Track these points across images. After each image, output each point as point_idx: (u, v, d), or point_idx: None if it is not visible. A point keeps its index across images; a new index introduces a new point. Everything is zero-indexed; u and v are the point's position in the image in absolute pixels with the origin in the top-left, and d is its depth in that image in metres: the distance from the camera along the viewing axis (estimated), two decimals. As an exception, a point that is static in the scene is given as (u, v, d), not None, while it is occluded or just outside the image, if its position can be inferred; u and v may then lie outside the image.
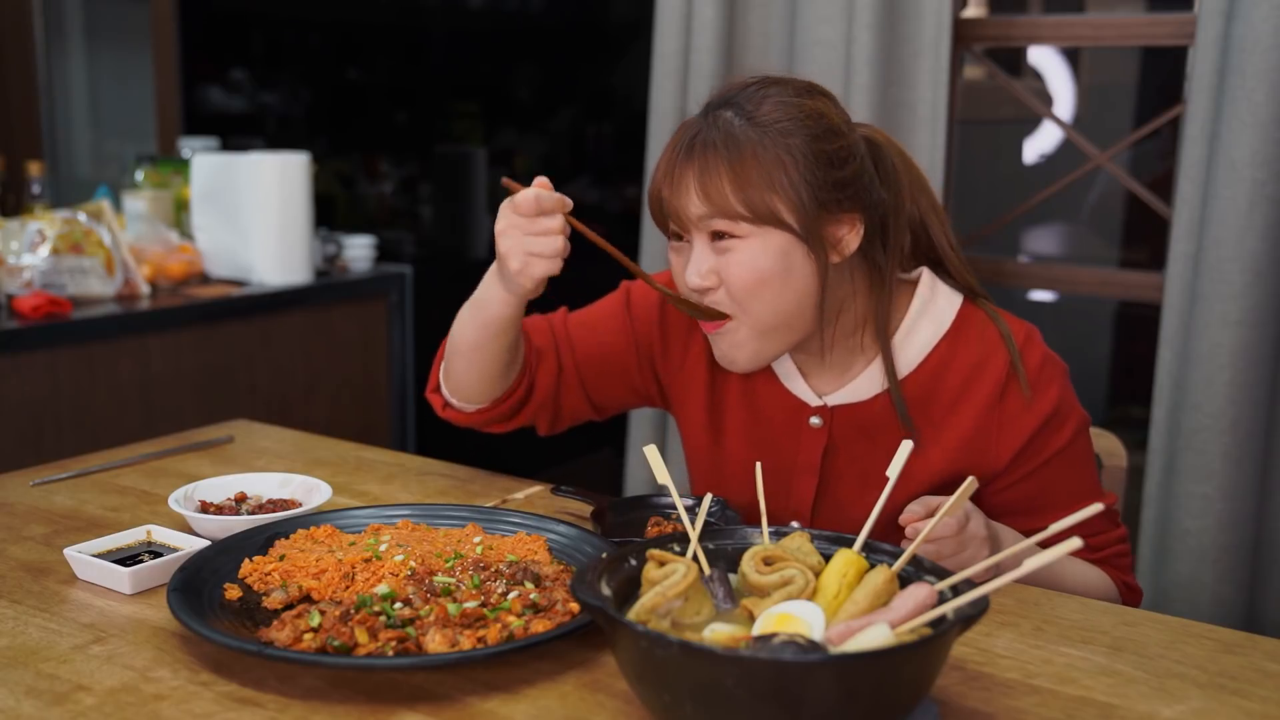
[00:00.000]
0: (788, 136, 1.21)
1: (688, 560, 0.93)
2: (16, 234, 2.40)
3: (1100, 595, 1.32)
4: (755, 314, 1.24)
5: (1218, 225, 1.95)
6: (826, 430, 1.35)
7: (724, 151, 1.21)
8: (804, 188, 1.20)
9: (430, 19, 4.54)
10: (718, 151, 1.21)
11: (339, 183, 4.14)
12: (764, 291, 1.22)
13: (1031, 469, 1.31)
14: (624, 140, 4.48)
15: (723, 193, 1.20)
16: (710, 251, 1.24)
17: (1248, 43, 1.89)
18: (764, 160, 1.20)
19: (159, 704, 0.92)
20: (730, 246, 1.22)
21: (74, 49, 3.91)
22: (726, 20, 2.38)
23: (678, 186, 1.23)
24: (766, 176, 1.19)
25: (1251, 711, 0.94)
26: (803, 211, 1.20)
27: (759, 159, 1.20)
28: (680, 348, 1.45)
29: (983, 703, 0.95)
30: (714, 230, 1.22)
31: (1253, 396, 1.96)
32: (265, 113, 4.20)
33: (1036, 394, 1.29)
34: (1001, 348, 1.31)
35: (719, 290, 1.24)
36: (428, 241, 4.16)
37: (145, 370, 2.44)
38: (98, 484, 1.48)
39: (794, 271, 1.23)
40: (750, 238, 1.21)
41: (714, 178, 1.20)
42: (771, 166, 1.20)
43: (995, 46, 2.42)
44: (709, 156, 1.21)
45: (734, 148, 1.20)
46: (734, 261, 1.22)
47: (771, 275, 1.22)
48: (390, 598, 1.04)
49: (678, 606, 0.92)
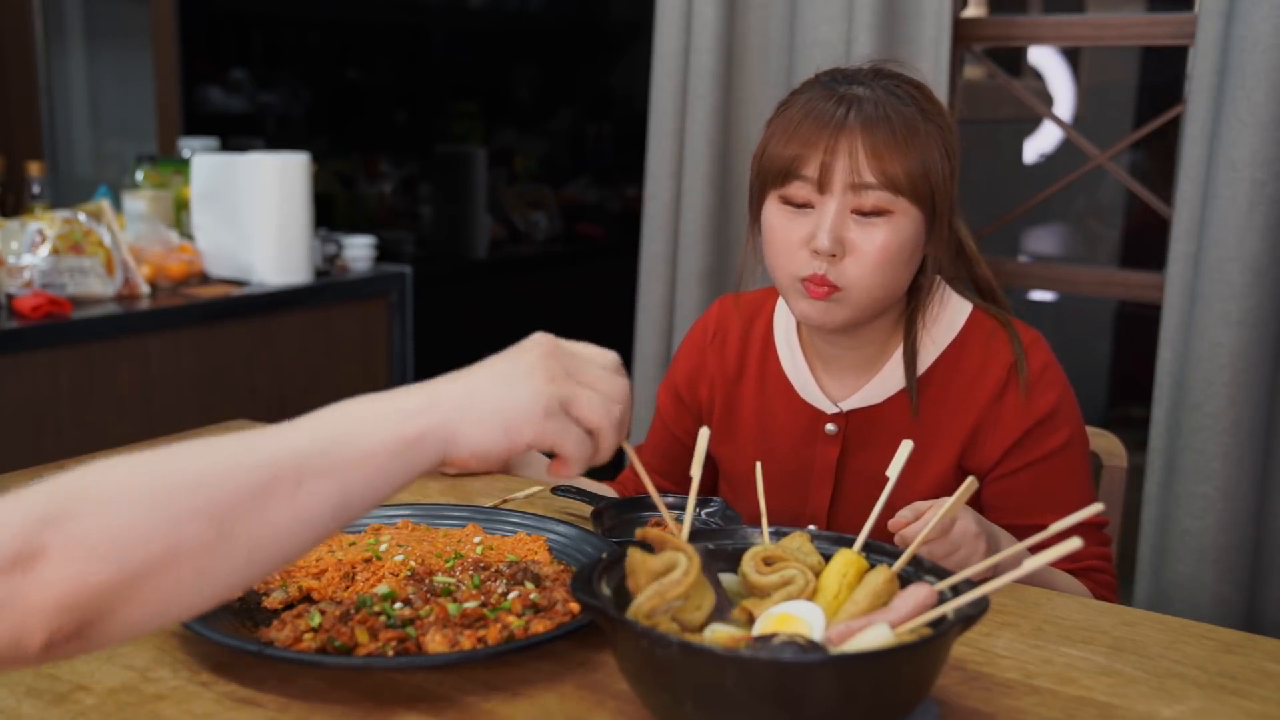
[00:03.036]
0: (936, 124, 1.24)
1: (687, 550, 0.90)
2: (16, 234, 2.40)
3: None
4: (870, 287, 1.24)
5: (1218, 225, 1.95)
6: (841, 436, 1.35)
7: (898, 123, 1.21)
8: (949, 177, 1.24)
9: (430, 19, 4.54)
10: (891, 122, 1.21)
11: (339, 183, 4.14)
12: (890, 268, 1.23)
13: (1021, 465, 1.30)
14: (624, 140, 4.48)
15: (894, 164, 1.20)
16: (847, 220, 1.23)
17: (1248, 43, 1.89)
18: (929, 143, 1.22)
19: (159, 704, 0.92)
20: (874, 221, 1.22)
21: (74, 49, 3.90)
22: (726, 20, 2.38)
23: (841, 147, 1.21)
24: (929, 158, 1.22)
25: (1251, 711, 0.94)
26: (944, 199, 1.24)
27: (927, 140, 1.22)
28: (704, 391, 1.48)
29: (983, 703, 0.95)
30: (864, 201, 1.22)
31: (1253, 396, 1.96)
32: (265, 113, 4.20)
33: (1035, 394, 1.30)
34: (1006, 352, 1.31)
35: (841, 261, 1.23)
36: (428, 241, 4.16)
37: (145, 370, 2.44)
38: (98, 484, 1.48)
39: (915, 254, 1.26)
40: (898, 215, 1.22)
41: (888, 147, 1.20)
42: (933, 149, 1.22)
43: (995, 46, 2.42)
44: (882, 125, 1.21)
45: (906, 125, 1.21)
46: (876, 234, 1.22)
47: (902, 254, 1.24)
48: (390, 598, 1.04)
49: (677, 606, 0.92)
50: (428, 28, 4.56)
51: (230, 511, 0.71)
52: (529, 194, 4.39)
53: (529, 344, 0.83)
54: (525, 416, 0.79)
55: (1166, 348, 2.06)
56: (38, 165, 2.76)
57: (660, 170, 2.49)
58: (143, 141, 3.72)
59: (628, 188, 4.43)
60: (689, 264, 2.46)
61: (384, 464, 0.76)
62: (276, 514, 0.73)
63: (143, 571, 0.69)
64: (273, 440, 0.75)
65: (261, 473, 0.73)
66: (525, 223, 4.30)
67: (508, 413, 0.79)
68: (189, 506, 0.71)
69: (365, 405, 0.78)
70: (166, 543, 0.69)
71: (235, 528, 0.71)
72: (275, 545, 0.74)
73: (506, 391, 0.79)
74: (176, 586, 0.70)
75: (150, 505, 0.70)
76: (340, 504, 0.75)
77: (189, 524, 0.70)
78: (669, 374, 1.53)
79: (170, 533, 0.69)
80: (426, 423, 0.77)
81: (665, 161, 2.48)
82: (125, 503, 0.70)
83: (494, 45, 4.56)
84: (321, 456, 0.75)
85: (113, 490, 0.70)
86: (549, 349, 0.82)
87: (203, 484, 0.72)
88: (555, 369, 0.81)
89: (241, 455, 0.74)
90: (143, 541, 0.69)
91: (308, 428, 0.76)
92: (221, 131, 3.29)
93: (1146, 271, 2.29)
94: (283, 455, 0.74)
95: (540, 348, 0.82)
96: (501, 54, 4.57)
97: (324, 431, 0.76)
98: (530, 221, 4.31)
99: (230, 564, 0.72)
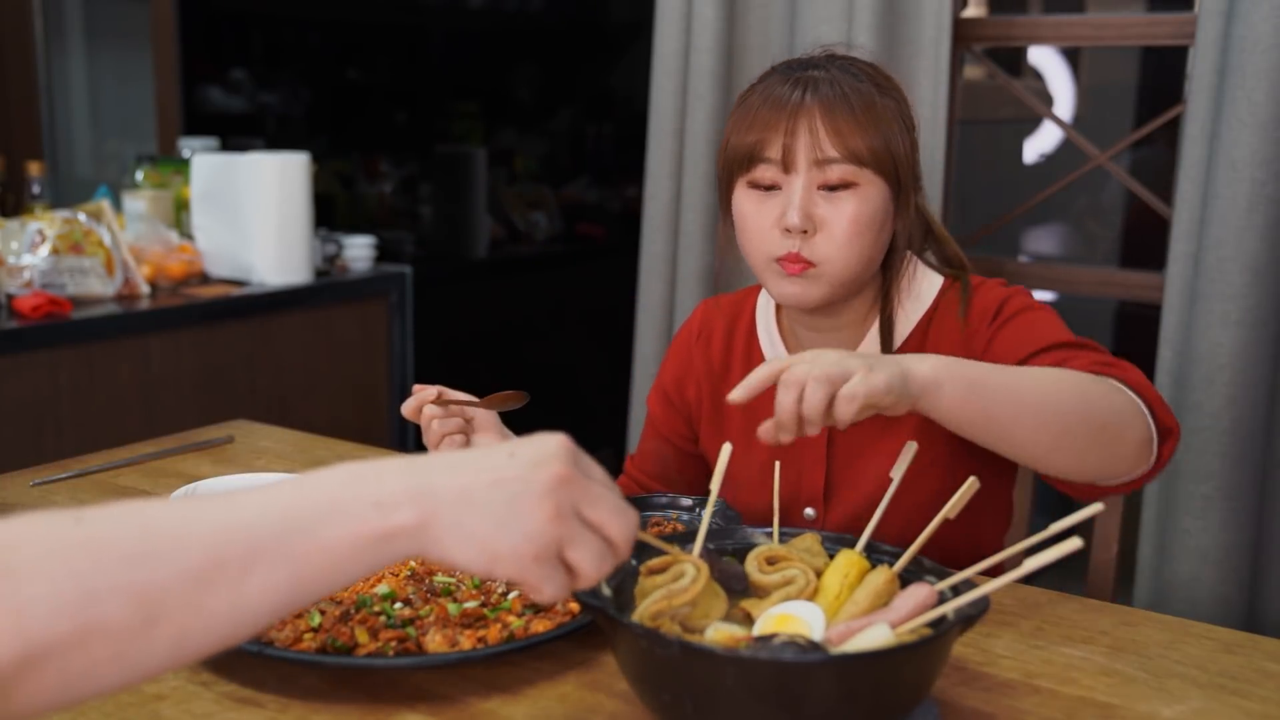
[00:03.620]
0: (893, 99, 1.28)
1: (696, 561, 0.91)
2: (16, 234, 2.40)
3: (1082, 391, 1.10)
4: (845, 261, 1.26)
5: (1218, 225, 1.95)
6: None
7: (855, 99, 1.24)
8: (910, 147, 1.27)
9: (430, 19, 4.54)
10: (847, 97, 1.24)
11: (339, 183, 4.13)
12: (861, 240, 1.26)
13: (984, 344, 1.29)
14: (624, 140, 4.48)
15: (854, 136, 1.23)
16: (815, 196, 1.26)
17: (1248, 43, 1.89)
18: (887, 116, 1.25)
19: (159, 704, 0.92)
20: (840, 195, 1.25)
21: (74, 49, 3.90)
22: (726, 20, 2.38)
23: (800, 126, 1.24)
24: (889, 129, 1.25)
25: (1251, 711, 0.94)
26: (906, 169, 1.27)
27: (884, 112, 1.25)
28: (692, 392, 1.49)
29: (983, 703, 0.95)
30: (829, 176, 1.24)
31: (1253, 396, 1.96)
32: (265, 113, 4.20)
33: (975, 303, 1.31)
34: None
35: (813, 237, 1.26)
36: (428, 241, 4.15)
37: (145, 370, 2.44)
38: (98, 484, 1.48)
39: (885, 226, 1.28)
40: (864, 186, 1.25)
41: (846, 121, 1.23)
42: (891, 121, 1.26)
43: (995, 46, 2.42)
44: (838, 101, 1.24)
45: (863, 98, 1.25)
46: (844, 207, 1.25)
47: (871, 224, 1.26)
48: (390, 598, 1.04)
49: (685, 613, 0.91)
50: (428, 28, 4.56)
51: (161, 595, 0.63)
52: (529, 194, 4.39)
53: (547, 455, 0.72)
54: (512, 555, 0.70)
55: (1166, 348, 2.06)
56: (38, 165, 2.76)
57: (660, 170, 2.49)
58: (143, 141, 3.72)
59: (628, 188, 4.43)
60: (689, 264, 2.46)
61: (345, 558, 0.67)
62: (215, 602, 0.64)
63: (46, 650, 0.60)
64: (225, 514, 0.67)
65: (206, 554, 0.64)
66: (525, 223, 4.30)
67: (497, 543, 0.69)
68: (112, 584, 0.62)
69: (342, 483, 0.69)
70: (78, 621, 0.61)
71: (164, 613, 0.63)
72: (206, 635, 0.65)
73: (504, 517, 0.70)
74: (86, 668, 0.62)
75: (67, 576, 0.61)
76: (289, 596, 0.66)
77: (109, 602, 0.62)
78: (658, 380, 1.55)
79: (85, 610, 0.61)
80: (404, 520, 0.68)
81: (665, 161, 2.48)
82: (38, 573, 0.61)
83: (494, 45, 4.56)
84: (276, 542, 0.66)
85: (28, 554, 0.62)
86: (566, 475, 0.72)
87: (135, 557, 0.63)
88: (564, 503, 0.71)
89: (187, 528, 0.65)
90: (50, 616, 0.61)
91: (268, 504, 0.68)
92: (221, 131, 3.29)
93: (1146, 271, 2.29)
94: (234, 535, 0.65)
95: (557, 469, 0.72)
96: (501, 54, 4.56)
97: (286, 513, 0.67)
98: (530, 221, 4.31)
99: (150, 651, 0.63)
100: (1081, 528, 0.86)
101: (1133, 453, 1.13)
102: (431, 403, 1.41)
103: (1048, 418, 1.08)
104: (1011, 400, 1.07)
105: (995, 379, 1.07)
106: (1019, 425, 1.08)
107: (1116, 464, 1.13)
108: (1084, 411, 1.09)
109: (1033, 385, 1.09)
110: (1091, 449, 1.11)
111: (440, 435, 1.41)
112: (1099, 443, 1.10)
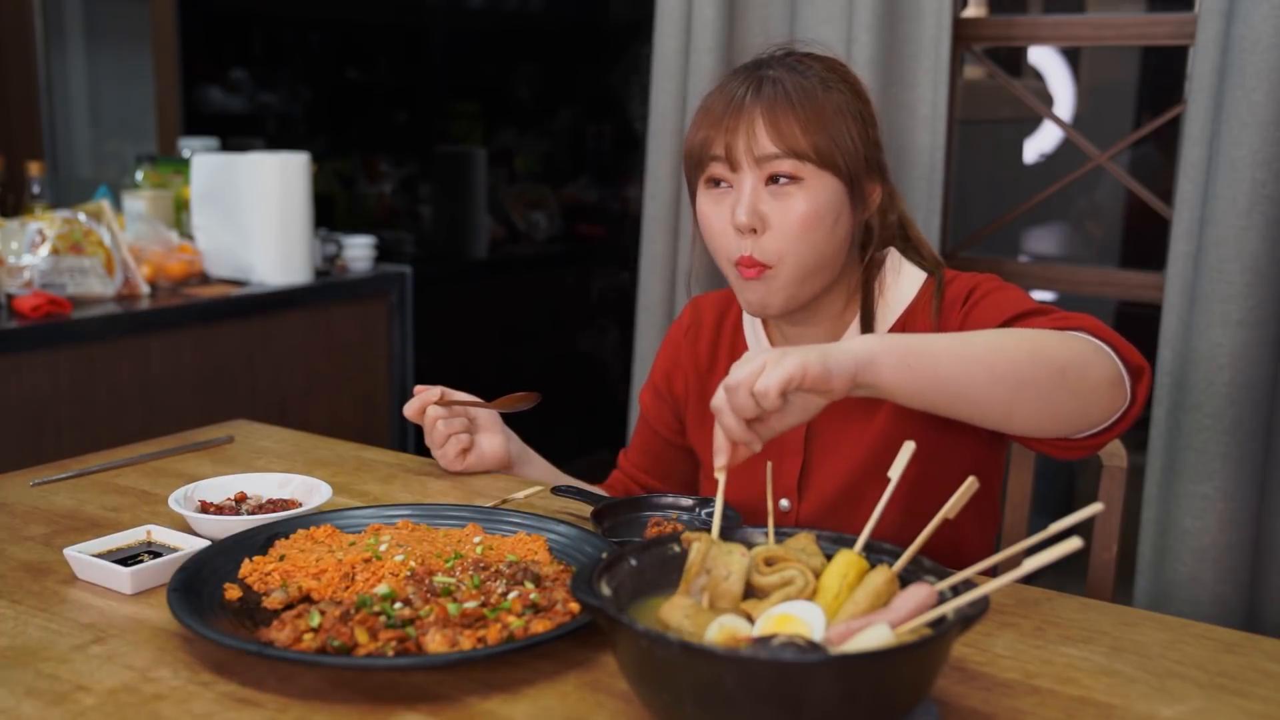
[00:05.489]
0: (843, 93, 1.29)
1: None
2: (16, 234, 2.40)
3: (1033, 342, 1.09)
4: (799, 256, 1.28)
5: (1218, 225, 1.95)
6: None
7: (795, 95, 1.27)
8: (859, 141, 1.29)
9: (430, 19, 4.54)
10: (789, 95, 1.27)
11: (339, 183, 4.14)
12: (812, 235, 1.27)
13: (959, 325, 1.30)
14: (624, 140, 4.48)
15: (794, 133, 1.25)
16: (763, 194, 1.28)
17: (1248, 43, 1.89)
18: (829, 109, 1.27)
19: (159, 704, 0.92)
20: (787, 190, 1.27)
21: (74, 49, 3.91)
22: (726, 20, 2.38)
23: (741, 124, 1.27)
24: (832, 123, 1.27)
25: (1251, 711, 0.94)
26: (856, 162, 1.28)
27: (826, 107, 1.27)
28: (679, 385, 1.53)
29: (983, 703, 0.95)
30: (773, 172, 1.27)
31: (1253, 397, 1.96)
32: (265, 113, 4.20)
33: (947, 293, 1.33)
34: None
35: (763, 235, 1.28)
36: (428, 241, 4.16)
37: (145, 370, 2.44)
38: (98, 484, 1.48)
39: (839, 220, 1.29)
40: (809, 180, 1.27)
41: (786, 118, 1.26)
42: (834, 115, 1.27)
43: (995, 46, 2.42)
44: (779, 99, 1.27)
45: (804, 93, 1.27)
46: (791, 203, 1.27)
47: (822, 219, 1.27)
48: (390, 598, 1.04)
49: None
50: (428, 28, 4.56)
51: None
52: (529, 194, 4.39)
53: None
54: None
55: (1166, 348, 2.06)
56: (38, 165, 2.76)
57: (660, 170, 2.49)
58: (143, 141, 3.73)
59: (628, 188, 4.43)
60: (689, 264, 2.46)
61: None
62: None
63: None
64: None
65: None
66: (525, 223, 4.30)
67: None
68: None
69: None
70: None
71: None
72: None
73: None
74: None
75: None
76: None
77: None
78: (650, 376, 1.58)
79: None
80: None
81: (665, 161, 2.48)
82: None
83: (494, 45, 4.56)
84: None
85: None
86: None
87: None
88: None
89: None
90: None
91: None
92: (221, 131, 3.29)
93: (1146, 271, 2.29)
94: None
95: None
96: (501, 54, 4.56)
97: None
98: (530, 221, 4.31)
99: None
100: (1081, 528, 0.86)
101: (1105, 392, 1.10)
102: (435, 403, 1.41)
103: (1000, 370, 1.06)
104: (957, 358, 1.05)
105: (937, 344, 1.05)
106: (972, 382, 1.05)
107: (1088, 407, 1.11)
108: (1038, 357, 1.07)
109: (980, 342, 1.08)
110: (1057, 394, 1.08)
111: (445, 435, 1.42)
112: (1062, 386, 1.08)
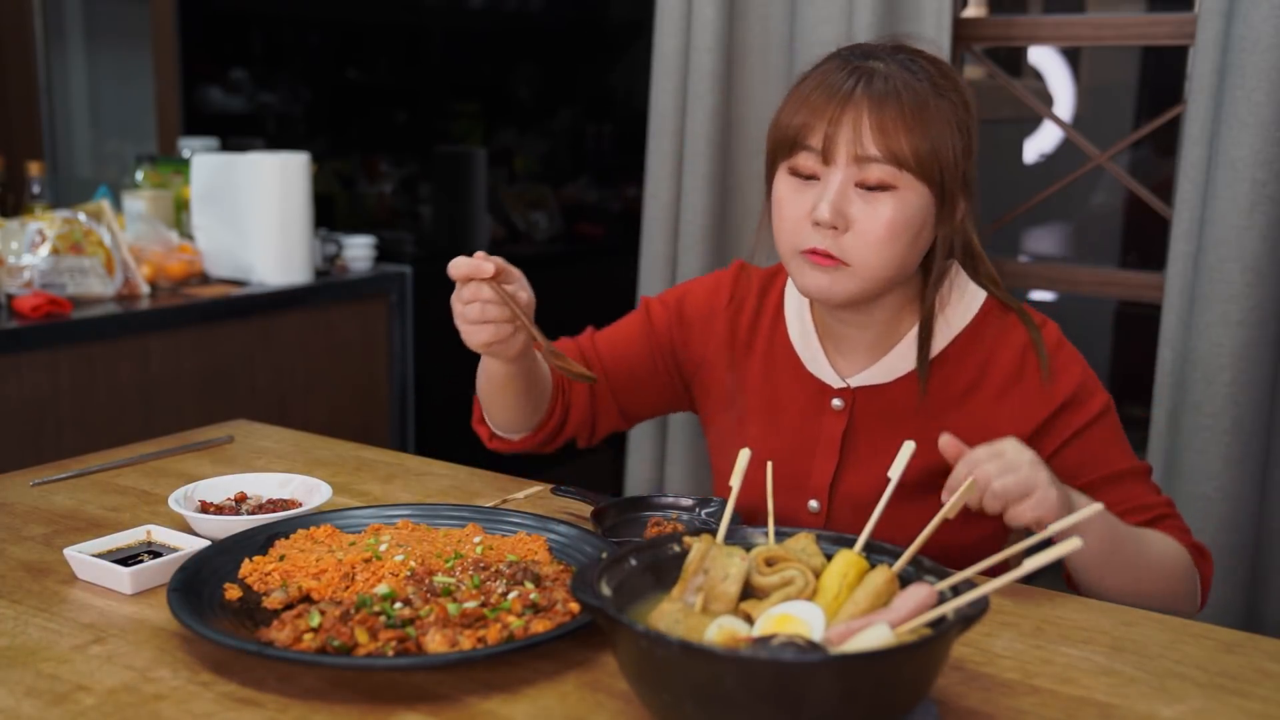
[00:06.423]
0: (952, 102, 1.24)
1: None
2: (16, 234, 2.40)
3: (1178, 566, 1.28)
4: (875, 264, 1.23)
5: (1218, 225, 1.95)
6: (848, 412, 1.35)
7: (907, 98, 1.21)
8: (960, 155, 1.23)
9: (430, 19, 4.53)
10: (900, 97, 1.21)
11: (339, 183, 4.14)
12: (895, 245, 1.23)
13: (1060, 444, 1.30)
14: (624, 140, 4.48)
15: (899, 139, 1.20)
16: (851, 193, 1.22)
17: (1248, 43, 1.89)
18: (938, 118, 1.22)
19: (159, 704, 0.92)
20: (878, 197, 1.22)
21: (74, 49, 3.91)
22: (726, 20, 2.38)
23: (846, 117, 1.21)
24: (938, 134, 1.21)
25: (1251, 711, 0.94)
26: (953, 177, 1.23)
27: (936, 116, 1.22)
28: (700, 337, 1.46)
29: (983, 703, 0.95)
30: (868, 174, 1.21)
31: (1253, 397, 1.96)
32: (265, 113, 4.20)
33: (1056, 375, 1.30)
34: (1019, 337, 1.32)
35: (842, 235, 1.23)
36: (428, 241, 4.15)
37: (145, 370, 2.44)
38: (98, 484, 1.48)
39: (923, 232, 1.25)
40: (904, 190, 1.22)
41: (894, 120, 1.20)
42: (943, 126, 1.22)
43: (995, 46, 2.42)
44: (890, 98, 1.21)
45: (916, 98, 1.21)
46: (880, 208, 1.22)
47: (909, 228, 1.23)
48: (390, 598, 1.04)
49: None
50: (428, 28, 4.56)
51: None
52: (529, 194, 4.39)
53: None
54: None
55: (1166, 348, 2.06)
56: (38, 165, 2.76)
57: (660, 170, 2.49)
58: (143, 141, 3.73)
59: (628, 188, 4.43)
60: (689, 264, 2.46)
61: None
62: None
63: None
64: None
65: None
66: (525, 223, 4.30)
67: None
68: None
69: None
70: None
71: None
72: None
73: None
74: None
75: None
76: None
77: None
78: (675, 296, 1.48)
79: None
80: None
81: (665, 161, 2.48)
82: None
83: (494, 45, 4.56)
84: None
85: None
86: None
87: None
88: None
89: None
90: None
91: None
92: (221, 131, 3.29)
93: (1146, 271, 2.29)
94: None
95: None
96: (501, 54, 4.56)
97: None
98: (530, 221, 4.31)
99: None
100: (1081, 528, 0.86)
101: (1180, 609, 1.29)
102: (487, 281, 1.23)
103: (1143, 588, 1.25)
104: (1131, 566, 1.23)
105: (1129, 547, 1.22)
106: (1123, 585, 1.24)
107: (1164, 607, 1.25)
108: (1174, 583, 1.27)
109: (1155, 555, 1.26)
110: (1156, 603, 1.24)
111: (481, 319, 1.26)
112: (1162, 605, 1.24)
